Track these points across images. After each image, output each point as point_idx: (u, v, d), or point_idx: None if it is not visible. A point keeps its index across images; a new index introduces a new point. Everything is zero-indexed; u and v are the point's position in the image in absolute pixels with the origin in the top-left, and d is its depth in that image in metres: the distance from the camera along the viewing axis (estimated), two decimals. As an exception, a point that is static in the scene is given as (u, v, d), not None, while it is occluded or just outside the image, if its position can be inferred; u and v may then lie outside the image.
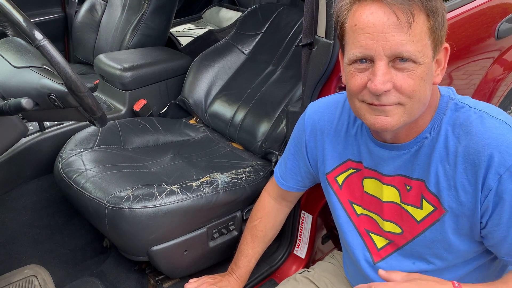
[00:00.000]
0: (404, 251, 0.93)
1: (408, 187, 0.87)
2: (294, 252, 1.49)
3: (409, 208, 0.88)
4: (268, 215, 1.22)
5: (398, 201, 0.89)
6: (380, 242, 0.96)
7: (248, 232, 1.24)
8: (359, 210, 0.98)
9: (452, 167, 0.80)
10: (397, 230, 0.92)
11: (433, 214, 0.85)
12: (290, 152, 1.11)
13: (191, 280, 1.24)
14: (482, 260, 0.90)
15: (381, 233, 0.95)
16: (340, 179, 0.99)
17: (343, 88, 1.19)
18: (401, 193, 0.88)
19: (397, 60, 0.71)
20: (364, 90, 0.75)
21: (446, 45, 0.76)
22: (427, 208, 0.85)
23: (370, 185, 0.94)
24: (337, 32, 0.80)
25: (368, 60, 0.73)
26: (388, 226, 0.93)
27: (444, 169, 0.81)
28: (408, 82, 0.72)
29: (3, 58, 1.03)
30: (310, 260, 1.49)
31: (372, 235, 0.97)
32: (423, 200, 0.85)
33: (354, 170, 0.96)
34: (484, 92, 1.70)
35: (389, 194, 0.90)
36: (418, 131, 0.82)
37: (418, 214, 0.87)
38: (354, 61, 0.75)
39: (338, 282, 1.18)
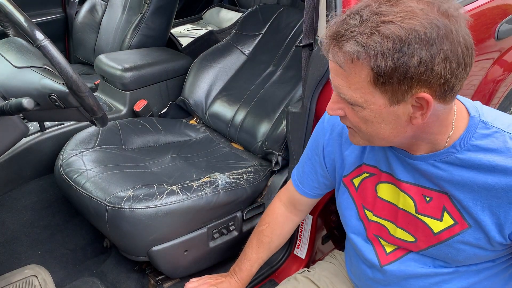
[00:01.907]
0: (415, 256, 0.92)
1: (427, 198, 0.85)
2: (294, 252, 1.49)
3: (427, 220, 0.86)
4: (276, 221, 1.20)
5: (413, 212, 0.87)
6: (389, 247, 0.95)
7: (255, 236, 1.21)
8: (370, 216, 0.96)
9: (482, 187, 0.78)
10: (410, 238, 0.90)
11: (454, 227, 0.83)
12: (307, 157, 1.10)
13: (192, 280, 1.23)
14: (494, 269, 0.89)
15: (391, 240, 0.94)
16: (356, 181, 0.98)
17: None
18: (417, 203, 0.86)
19: None
20: None
21: (424, 95, 0.69)
22: (448, 221, 0.83)
23: (386, 191, 0.92)
24: None
25: None
26: (401, 234, 0.91)
27: (473, 188, 0.79)
28: (353, 118, 0.78)
29: (4, 58, 1.03)
30: (310, 261, 1.49)
31: (381, 240, 0.96)
32: (445, 212, 0.83)
33: (368, 175, 0.95)
34: (484, 93, 1.70)
35: (405, 202, 0.88)
36: (433, 147, 0.80)
37: (436, 226, 0.85)
38: None
39: (339, 281, 1.18)
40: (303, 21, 1.21)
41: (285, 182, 1.45)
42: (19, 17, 0.88)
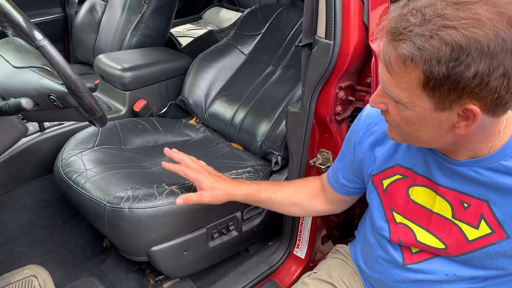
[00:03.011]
0: (442, 260, 0.90)
1: (465, 204, 0.82)
2: (294, 252, 1.49)
3: (463, 226, 0.83)
4: (310, 184, 1.17)
5: (449, 216, 0.85)
6: (414, 249, 0.94)
7: (288, 182, 1.21)
8: (398, 218, 0.94)
9: None
10: (440, 245, 0.88)
11: (490, 236, 0.81)
12: (342, 153, 1.09)
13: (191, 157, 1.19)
14: None
15: (417, 245, 0.92)
16: (386, 182, 0.96)
17: (342, 89, 1.19)
18: (455, 209, 0.84)
19: None
20: None
21: (473, 108, 0.66)
22: (484, 229, 0.81)
23: (420, 194, 0.89)
24: None
25: None
26: (430, 240, 0.89)
27: None
28: (395, 115, 0.76)
29: (3, 58, 1.03)
30: (310, 261, 1.49)
31: (403, 245, 0.95)
32: (482, 221, 0.81)
33: (401, 177, 0.92)
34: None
35: (441, 206, 0.86)
36: (475, 153, 0.78)
37: (472, 233, 0.82)
38: None
39: (348, 274, 1.16)
40: (302, 21, 1.20)
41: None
42: (18, 17, 0.87)
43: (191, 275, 1.45)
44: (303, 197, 1.17)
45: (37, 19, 2.46)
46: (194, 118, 1.92)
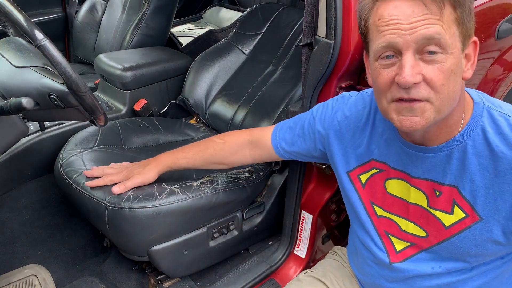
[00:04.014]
0: (425, 255, 0.91)
1: (437, 193, 0.85)
2: (294, 252, 1.49)
3: (438, 213, 0.86)
4: (232, 145, 1.22)
5: (425, 205, 0.87)
6: (399, 244, 0.95)
7: (205, 141, 1.26)
8: (379, 211, 0.96)
9: (493, 176, 0.78)
10: (422, 233, 0.90)
11: (464, 220, 0.83)
12: (296, 132, 1.12)
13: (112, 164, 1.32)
14: (502, 268, 0.88)
15: (402, 236, 0.93)
16: (363, 178, 0.97)
17: (343, 88, 1.19)
18: (429, 198, 0.86)
19: (425, 53, 0.70)
20: (393, 86, 0.73)
21: (475, 38, 0.74)
22: (458, 214, 0.83)
23: (395, 186, 0.92)
24: (361, 31, 0.79)
25: (394, 55, 0.72)
26: (412, 229, 0.91)
27: (483, 177, 0.79)
28: (438, 75, 0.70)
29: (4, 57, 1.03)
30: (310, 260, 1.49)
31: (391, 237, 0.95)
32: (455, 206, 0.83)
33: (377, 170, 0.94)
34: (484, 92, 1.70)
35: (416, 196, 0.88)
36: (449, 134, 0.80)
37: (448, 219, 0.85)
38: (380, 57, 0.74)
39: (343, 275, 1.18)
40: (303, 21, 1.20)
41: (285, 181, 1.45)
42: (19, 16, 0.87)
43: (192, 274, 1.45)
44: (221, 158, 1.24)
45: (38, 19, 2.46)
46: (195, 118, 1.92)
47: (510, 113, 0.79)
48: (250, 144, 1.21)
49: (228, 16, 2.83)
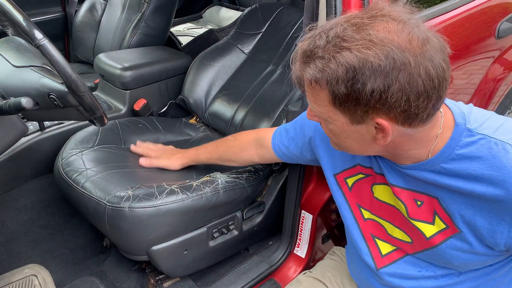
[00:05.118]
0: (412, 259, 0.91)
1: (419, 202, 0.84)
2: (294, 251, 1.49)
3: (418, 224, 0.85)
4: (241, 142, 1.30)
5: (406, 215, 0.87)
6: (385, 248, 0.94)
7: (222, 139, 1.38)
8: (366, 214, 0.96)
9: (470, 196, 0.76)
10: (407, 239, 0.90)
11: (446, 231, 0.82)
12: (294, 133, 1.13)
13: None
14: (493, 274, 0.88)
15: (388, 239, 0.94)
16: (350, 181, 0.98)
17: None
18: (409, 208, 0.86)
19: None
20: None
21: (381, 122, 0.70)
22: (440, 224, 0.83)
23: (382, 192, 0.92)
24: None
25: None
26: (398, 233, 0.91)
27: (461, 195, 0.78)
28: (324, 128, 0.81)
29: (3, 57, 1.02)
30: (310, 260, 1.49)
31: (377, 240, 0.95)
32: (436, 216, 0.83)
33: (364, 176, 0.95)
34: (484, 92, 1.70)
35: (399, 205, 0.88)
36: (417, 159, 0.80)
37: (429, 230, 0.84)
38: None
39: (342, 275, 1.18)
40: (303, 20, 1.20)
41: (285, 181, 1.45)
42: (18, 16, 0.87)
43: (192, 274, 1.45)
44: (232, 155, 1.33)
45: (37, 18, 2.46)
46: (194, 117, 1.92)
47: (491, 133, 0.75)
48: (257, 143, 1.25)
49: (228, 15, 2.83)
